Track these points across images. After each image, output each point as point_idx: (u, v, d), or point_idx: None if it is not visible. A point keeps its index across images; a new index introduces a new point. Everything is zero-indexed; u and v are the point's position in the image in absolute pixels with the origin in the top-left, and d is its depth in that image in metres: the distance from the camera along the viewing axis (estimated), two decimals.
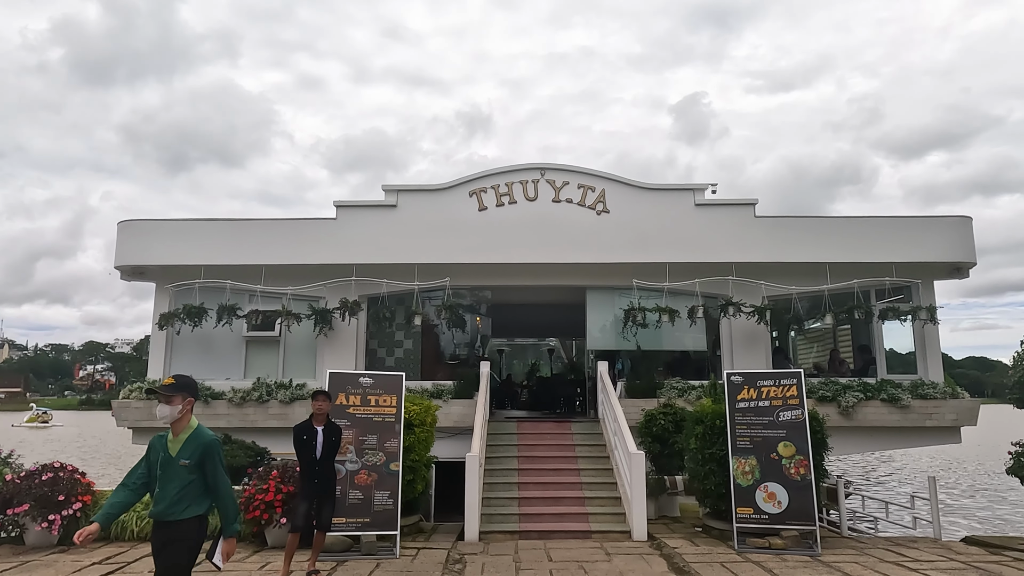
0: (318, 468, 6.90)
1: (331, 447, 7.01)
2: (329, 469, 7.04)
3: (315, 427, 6.97)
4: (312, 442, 6.89)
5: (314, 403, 7.03)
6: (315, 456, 6.91)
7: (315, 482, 6.91)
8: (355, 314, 12.33)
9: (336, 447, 7.11)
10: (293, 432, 7.07)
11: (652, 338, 13.22)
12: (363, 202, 12.83)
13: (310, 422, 7.03)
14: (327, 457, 7.00)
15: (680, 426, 10.74)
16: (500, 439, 11.64)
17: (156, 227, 12.79)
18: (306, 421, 7.08)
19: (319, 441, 6.90)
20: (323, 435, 6.93)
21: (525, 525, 9.39)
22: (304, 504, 6.90)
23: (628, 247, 12.45)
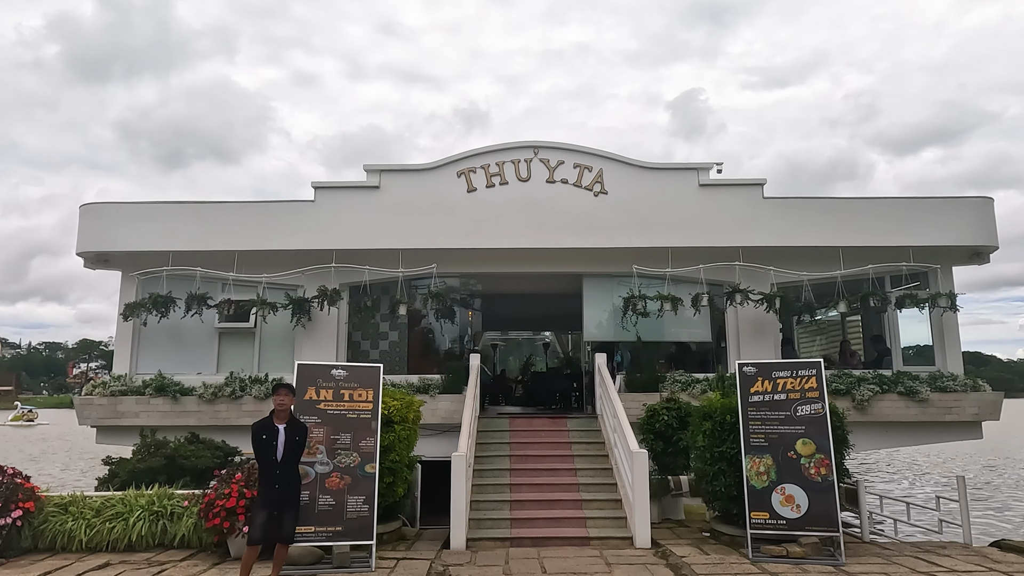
0: (279, 472, 6.08)
1: (295, 448, 6.19)
2: (292, 472, 6.22)
3: (276, 425, 6.15)
4: (273, 442, 6.08)
5: (275, 398, 6.22)
6: (276, 458, 6.10)
7: (276, 487, 6.09)
8: (335, 303, 11.47)
9: (300, 448, 6.28)
10: (251, 431, 6.24)
11: (653, 328, 12.39)
12: (343, 183, 11.97)
13: (271, 420, 6.21)
14: (290, 459, 6.18)
15: (685, 422, 9.93)
16: (491, 437, 10.81)
17: (120, 210, 11.91)
18: (266, 418, 6.27)
19: (280, 441, 6.08)
20: (285, 434, 6.11)
21: (517, 531, 8.57)
22: (263, 513, 6.08)
23: (627, 231, 11.63)
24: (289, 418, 6.26)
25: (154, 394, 11.42)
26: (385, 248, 11.57)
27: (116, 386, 11.55)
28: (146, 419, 11.33)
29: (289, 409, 6.30)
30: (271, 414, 6.28)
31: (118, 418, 11.39)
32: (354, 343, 12.84)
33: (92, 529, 7.76)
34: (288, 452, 6.12)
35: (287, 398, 6.26)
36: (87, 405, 11.49)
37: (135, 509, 7.91)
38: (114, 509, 7.94)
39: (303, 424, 6.42)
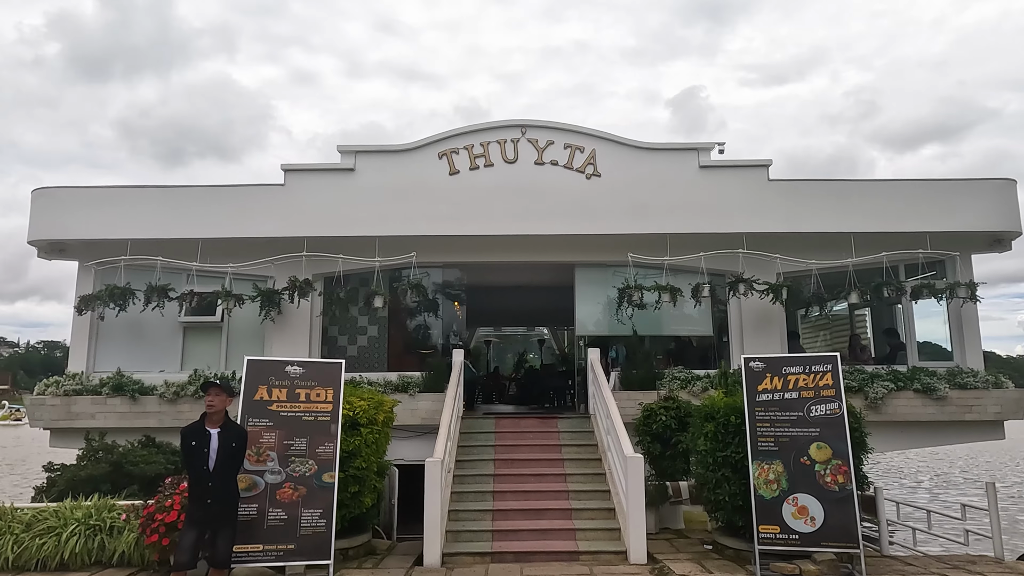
0: (211, 484, 5.25)
1: (229, 456, 5.35)
2: (226, 485, 5.38)
3: (208, 430, 5.30)
4: (204, 449, 5.25)
5: (205, 399, 5.37)
6: (207, 467, 5.26)
7: (207, 503, 5.25)
8: (306, 295, 10.60)
9: (238, 456, 5.44)
10: (180, 436, 5.40)
11: (650, 321, 11.54)
12: (315, 165, 11.09)
13: (201, 424, 5.37)
14: (224, 469, 5.34)
15: (685, 423, 9.08)
16: (474, 439, 9.96)
17: (75, 195, 11.04)
18: (196, 422, 5.43)
19: (212, 448, 5.25)
20: (218, 440, 5.27)
21: (500, 544, 7.73)
22: (191, 532, 5.24)
23: (622, 216, 10.77)
24: (224, 421, 5.42)
25: (111, 393, 10.56)
26: (361, 235, 10.70)
27: (70, 385, 10.69)
28: (103, 420, 10.48)
29: (223, 411, 5.46)
30: (202, 417, 5.44)
31: (72, 420, 10.53)
32: (330, 338, 11.99)
33: (20, 546, 6.93)
34: (221, 461, 5.28)
35: (218, 398, 5.43)
36: (39, 406, 10.64)
37: (69, 523, 7.06)
38: (46, 523, 7.09)
39: (241, 428, 5.58)
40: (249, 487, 6.16)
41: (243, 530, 5.96)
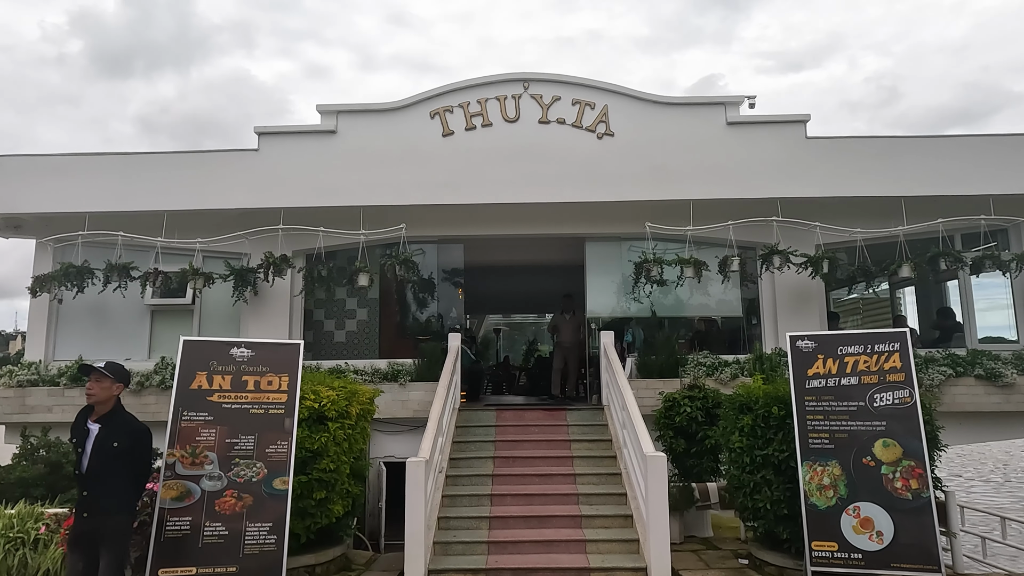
0: (86, 492, 4.09)
1: (110, 458, 4.18)
2: (106, 493, 4.20)
3: (88, 424, 4.16)
4: (79, 448, 4.11)
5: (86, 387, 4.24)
6: (81, 471, 4.13)
7: (84, 516, 4.09)
8: (282, 273, 9.44)
9: (123, 460, 4.24)
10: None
11: (671, 301, 10.29)
12: (292, 127, 9.89)
13: (84, 415, 4.22)
14: (102, 475, 4.17)
15: (713, 415, 7.86)
16: (471, 434, 8.77)
17: (29, 165, 9.92)
18: (80, 412, 4.29)
19: (89, 446, 4.10)
20: (96, 437, 4.12)
21: (497, 558, 6.55)
22: (72, 557, 4.10)
23: (638, 181, 9.47)
24: (108, 413, 4.27)
25: (69, 384, 9.48)
26: (344, 206, 9.50)
27: (25, 375, 9.64)
28: (60, 414, 9.40)
29: (110, 402, 4.31)
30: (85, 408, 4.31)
31: (27, 413, 9.47)
32: (316, 322, 10.83)
33: None
34: (98, 464, 4.13)
35: (98, 385, 4.28)
36: None
37: None
38: None
39: (132, 424, 4.39)
40: (181, 496, 5.01)
41: (172, 549, 4.82)
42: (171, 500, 4.97)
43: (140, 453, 4.35)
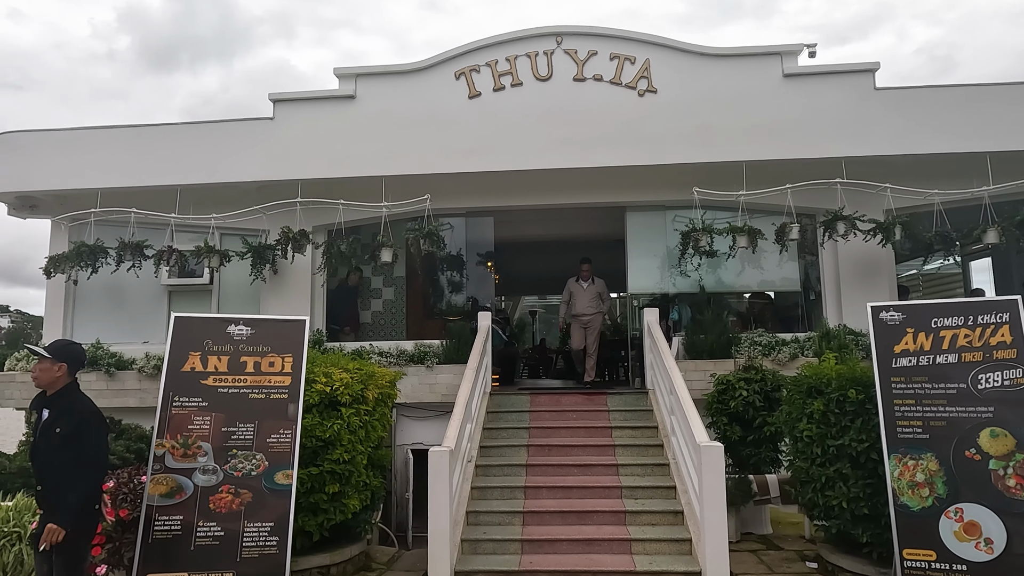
0: (40, 487, 3.57)
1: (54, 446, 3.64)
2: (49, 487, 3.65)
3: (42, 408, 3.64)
4: (33, 434, 3.59)
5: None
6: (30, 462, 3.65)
7: (41, 514, 3.57)
8: (301, 249, 8.86)
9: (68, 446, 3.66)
10: None
11: (722, 274, 9.40)
12: (309, 93, 9.24)
13: (39, 401, 3.69)
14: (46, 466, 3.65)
15: (772, 399, 7.03)
16: (503, 420, 8.08)
17: (41, 140, 9.51)
18: (35, 398, 3.75)
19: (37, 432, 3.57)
20: (43, 423, 3.61)
21: (531, 559, 5.87)
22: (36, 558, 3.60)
23: (685, 142, 8.58)
24: (54, 396, 3.72)
25: (86, 368, 9.09)
26: (364, 176, 8.86)
27: None
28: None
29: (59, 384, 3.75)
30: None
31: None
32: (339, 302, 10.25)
33: None
34: (43, 453, 3.60)
35: (37, 368, 3.74)
36: (8, 383, 9.28)
37: None
38: None
39: (74, 405, 3.80)
40: (171, 492, 4.44)
41: (162, 552, 4.25)
42: (160, 496, 4.41)
43: (88, 439, 3.73)
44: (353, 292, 10.15)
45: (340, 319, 9.99)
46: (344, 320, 10.00)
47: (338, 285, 10.04)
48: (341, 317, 10.01)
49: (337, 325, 9.91)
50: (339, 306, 10.02)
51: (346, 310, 10.07)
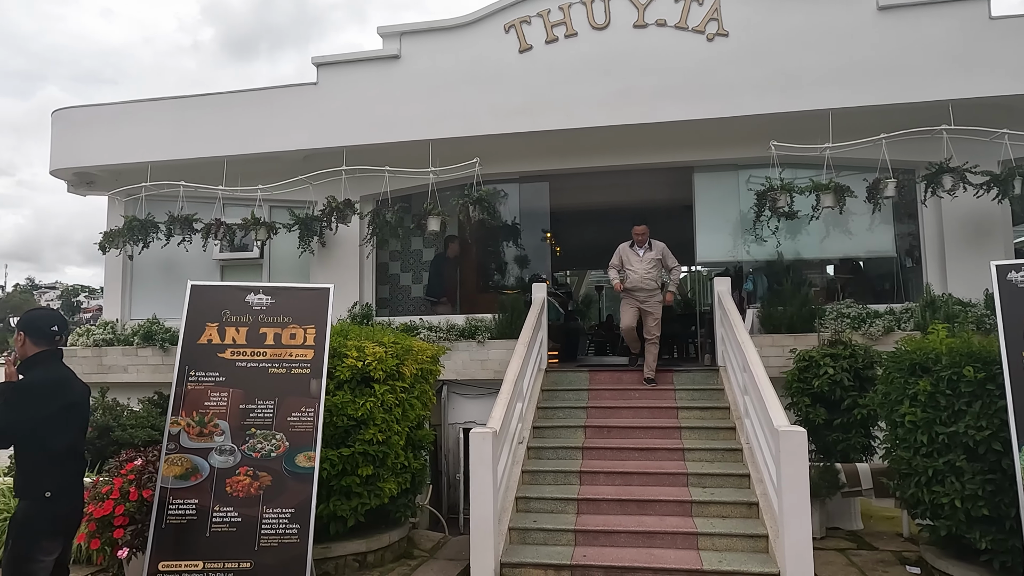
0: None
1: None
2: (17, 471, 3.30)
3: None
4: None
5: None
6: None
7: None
8: (346, 219, 8.50)
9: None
10: None
11: (802, 239, 8.45)
12: (353, 55, 8.79)
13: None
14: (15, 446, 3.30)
15: (864, 378, 6.16)
16: (558, 399, 7.51)
17: (93, 115, 9.52)
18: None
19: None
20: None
21: (585, 551, 5.30)
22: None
23: (761, 90, 7.65)
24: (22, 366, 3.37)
25: (142, 344, 9.12)
26: (410, 140, 8.38)
27: (101, 334, 9.37)
28: (135, 374, 9.13)
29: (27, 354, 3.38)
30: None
31: (105, 373, 9.21)
32: (392, 276, 9.90)
33: None
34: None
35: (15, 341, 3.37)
36: (70, 358, 9.36)
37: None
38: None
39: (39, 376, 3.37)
40: (187, 473, 4.10)
41: (175, 538, 3.93)
42: (175, 478, 4.08)
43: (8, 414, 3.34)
44: (452, 262, 9.74)
45: (438, 291, 9.64)
46: (443, 292, 9.64)
47: (436, 256, 9.68)
48: (439, 289, 9.65)
49: (435, 297, 9.55)
50: (437, 277, 9.67)
51: (444, 281, 9.71)
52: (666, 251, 7.68)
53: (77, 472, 3.39)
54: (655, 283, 7.58)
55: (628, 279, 7.59)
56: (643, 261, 7.57)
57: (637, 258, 7.64)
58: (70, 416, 3.30)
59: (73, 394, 3.36)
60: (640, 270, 7.53)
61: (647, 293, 7.54)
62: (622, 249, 7.80)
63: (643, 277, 7.52)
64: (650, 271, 7.55)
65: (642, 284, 7.52)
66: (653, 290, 7.55)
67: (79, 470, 3.41)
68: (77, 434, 3.40)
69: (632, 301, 7.63)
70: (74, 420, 3.35)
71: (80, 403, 3.43)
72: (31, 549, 3.11)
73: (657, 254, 7.61)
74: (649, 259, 7.58)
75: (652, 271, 7.57)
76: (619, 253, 7.81)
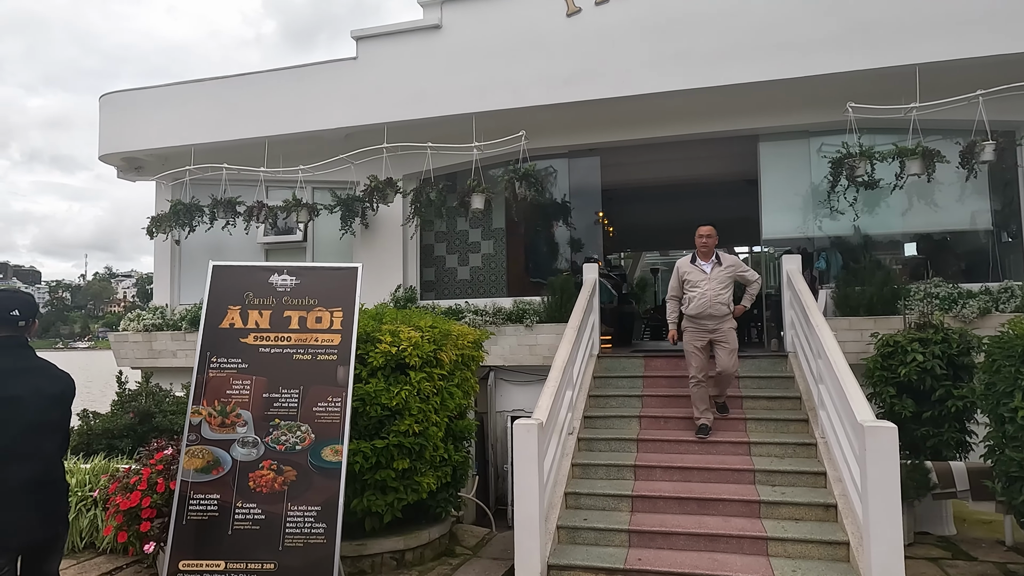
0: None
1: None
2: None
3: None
4: None
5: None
6: None
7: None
8: (386, 199, 8.18)
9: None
10: None
11: (883, 212, 7.66)
12: (393, 27, 8.41)
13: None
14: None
15: (959, 366, 5.45)
16: (611, 386, 7.03)
17: (138, 99, 9.47)
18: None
19: None
20: None
21: (640, 555, 4.84)
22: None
23: (837, 44, 6.89)
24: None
25: (190, 328, 9.08)
26: (452, 114, 7.98)
27: (151, 319, 9.39)
28: (184, 359, 9.09)
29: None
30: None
31: (155, 358, 9.25)
32: (437, 258, 9.57)
33: None
34: None
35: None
36: (123, 343, 9.49)
37: None
38: None
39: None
40: (208, 467, 3.83)
41: (196, 536, 3.67)
42: (196, 471, 3.82)
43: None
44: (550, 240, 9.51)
45: (537, 271, 9.40)
46: (544, 271, 9.36)
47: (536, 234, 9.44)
48: (538, 268, 9.41)
49: (540, 278, 9.27)
50: (535, 255, 9.44)
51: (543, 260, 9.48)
52: (739, 263, 6.08)
53: (26, 479, 2.87)
54: (728, 307, 5.85)
55: (692, 304, 5.83)
56: (711, 279, 5.83)
57: (703, 275, 5.88)
58: (7, 413, 2.85)
59: (12, 387, 2.89)
60: (709, 291, 5.79)
61: (717, 320, 5.82)
62: (681, 267, 6.03)
63: (713, 300, 5.76)
64: (721, 292, 5.79)
65: (712, 309, 5.77)
66: (726, 316, 5.86)
67: (30, 476, 2.88)
68: (21, 433, 2.87)
69: (698, 332, 5.89)
70: (13, 417, 2.86)
71: (21, 398, 2.89)
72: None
73: (729, 269, 5.92)
74: (720, 276, 5.86)
75: (724, 292, 5.81)
76: (678, 273, 6.04)
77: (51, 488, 2.99)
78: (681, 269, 6.03)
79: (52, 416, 3.00)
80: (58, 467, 3.08)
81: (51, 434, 3.00)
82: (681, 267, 6.04)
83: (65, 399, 3.05)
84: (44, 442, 2.97)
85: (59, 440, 3.06)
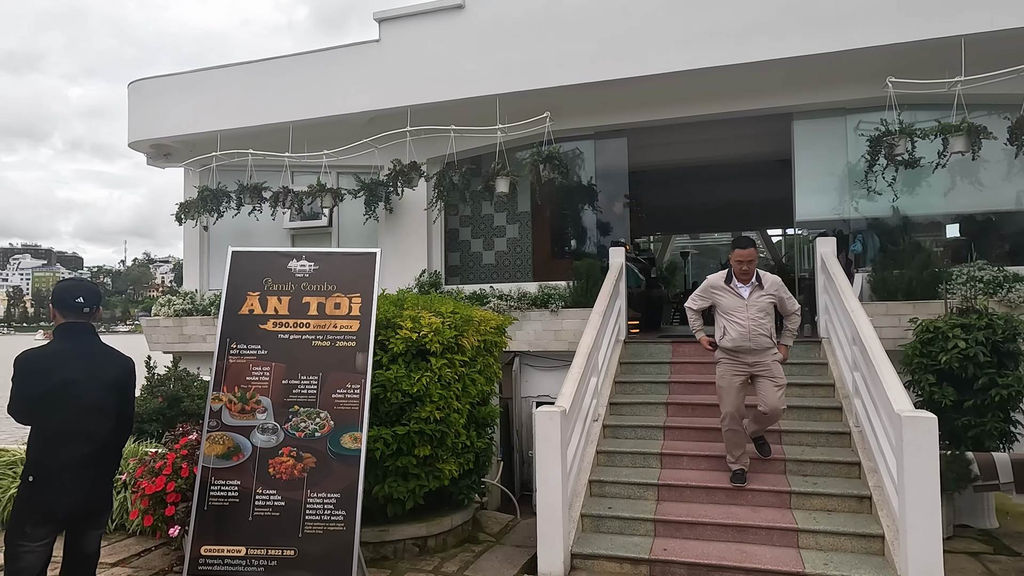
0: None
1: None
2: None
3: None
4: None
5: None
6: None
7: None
8: (410, 183, 8.11)
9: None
10: None
11: (923, 192, 7.35)
12: (415, 8, 8.28)
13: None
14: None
15: (1004, 352, 5.21)
16: (638, 372, 6.91)
17: (166, 85, 9.52)
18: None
19: None
20: None
21: (666, 544, 4.75)
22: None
23: (875, 17, 6.57)
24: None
25: (218, 313, 9.15)
26: (476, 96, 7.84)
27: (181, 304, 9.51)
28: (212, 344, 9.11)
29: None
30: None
31: (185, 342, 9.38)
32: (462, 243, 9.49)
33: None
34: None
35: None
36: (154, 328, 9.64)
37: None
38: None
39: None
40: (228, 453, 3.83)
41: (217, 521, 3.68)
42: (216, 457, 3.83)
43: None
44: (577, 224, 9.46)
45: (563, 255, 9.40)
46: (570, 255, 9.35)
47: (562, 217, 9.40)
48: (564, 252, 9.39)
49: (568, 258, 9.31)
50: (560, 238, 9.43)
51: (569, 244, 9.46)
52: (781, 286, 5.10)
53: (76, 458, 3.03)
54: (771, 337, 4.98)
55: (727, 336, 5.00)
56: (750, 306, 4.93)
57: (739, 301, 4.98)
58: (64, 394, 3.00)
59: (70, 370, 3.03)
60: (747, 320, 4.91)
61: (758, 354, 4.96)
62: (713, 286, 5.15)
63: (753, 331, 4.89)
64: (762, 321, 4.92)
65: (752, 343, 4.91)
66: (768, 348, 4.98)
67: (81, 455, 3.05)
68: (74, 415, 3.03)
69: (735, 365, 5.04)
70: (69, 399, 3.01)
71: (79, 380, 3.04)
72: (14, 531, 3.03)
73: (771, 293, 5.00)
74: (760, 303, 4.95)
75: (766, 320, 4.94)
76: (707, 289, 5.20)
77: (99, 469, 3.15)
78: (712, 288, 5.15)
79: (107, 401, 3.14)
80: (110, 450, 3.24)
81: (104, 418, 3.13)
82: (713, 286, 5.14)
83: (120, 385, 3.23)
84: (98, 425, 3.11)
85: (112, 424, 3.20)
